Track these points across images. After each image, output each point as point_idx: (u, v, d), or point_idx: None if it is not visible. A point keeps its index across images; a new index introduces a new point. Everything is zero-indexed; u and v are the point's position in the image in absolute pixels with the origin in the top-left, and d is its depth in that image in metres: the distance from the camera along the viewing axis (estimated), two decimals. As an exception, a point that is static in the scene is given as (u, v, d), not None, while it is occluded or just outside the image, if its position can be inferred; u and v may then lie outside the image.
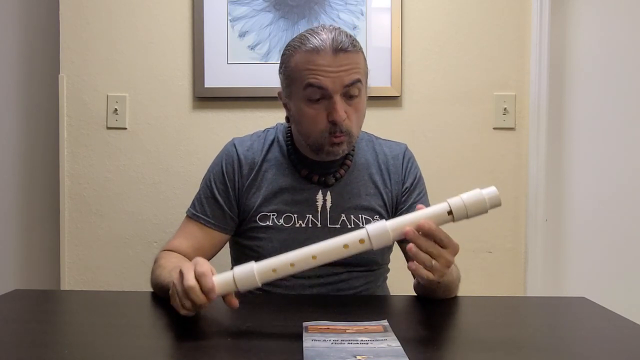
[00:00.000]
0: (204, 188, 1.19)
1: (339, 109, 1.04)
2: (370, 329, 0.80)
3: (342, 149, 1.09)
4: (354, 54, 1.06)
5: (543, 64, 1.70)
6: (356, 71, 1.06)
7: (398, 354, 0.69)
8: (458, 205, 0.81)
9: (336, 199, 1.15)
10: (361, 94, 1.08)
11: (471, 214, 0.82)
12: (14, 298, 1.03)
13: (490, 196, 0.82)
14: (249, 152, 1.18)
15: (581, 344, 0.83)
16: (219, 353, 0.75)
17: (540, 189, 1.71)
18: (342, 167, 1.17)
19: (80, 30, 1.76)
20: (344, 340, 0.74)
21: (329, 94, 1.04)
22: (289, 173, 1.16)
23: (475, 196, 0.82)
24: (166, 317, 0.90)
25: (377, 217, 1.17)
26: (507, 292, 1.74)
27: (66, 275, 1.78)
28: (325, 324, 0.81)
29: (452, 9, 1.73)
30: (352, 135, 1.09)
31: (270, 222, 1.14)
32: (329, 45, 1.04)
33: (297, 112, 1.10)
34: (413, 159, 1.25)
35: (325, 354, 0.69)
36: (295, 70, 1.07)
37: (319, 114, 1.06)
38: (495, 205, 0.82)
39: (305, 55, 1.05)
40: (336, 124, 1.05)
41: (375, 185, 1.19)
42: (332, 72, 1.03)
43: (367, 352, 0.70)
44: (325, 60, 1.03)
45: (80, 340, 0.80)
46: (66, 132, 1.77)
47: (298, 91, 1.07)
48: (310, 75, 1.04)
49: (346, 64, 1.04)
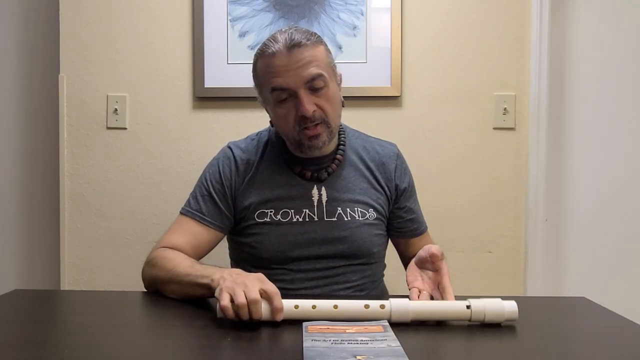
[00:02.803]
0: (199, 187, 1.21)
1: (305, 102, 1.07)
2: (370, 329, 0.80)
3: (322, 140, 1.12)
4: (310, 48, 1.09)
5: (543, 64, 1.70)
6: (315, 64, 1.08)
7: (398, 354, 0.70)
8: (477, 303, 0.85)
9: (331, 193, 1.18)
10: (328, 85, 1.11)
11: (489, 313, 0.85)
12: (14, 298, 1.03)
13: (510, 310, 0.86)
14: (245, 153, 1.21)
15: (581, 344, 0.83)
16: (219, 353, 0.75)
17: (540, 189, 1.71)
18: (334, 162, 1.20)
19: (80, 30, 1.76)
20: (344, 340, 0.75)
21: (294, 91, 1.08)
22: (283, 171, 1.19)
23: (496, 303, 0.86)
24: (166, 317, 0.90)
25: (372, 211, 1.20)
26: (507, 292, 1.74)
27: (66, 275, 1.78)
28: (325, 324, 0.81)
29: (452, 9, 1.73)
30: (330, 124, 1.12)
31: (267, 219, 1.16)
32: (282, 46, 1.08)
33: (273, 114, 1.16)
34: (403, 159, 1.29)
35: (326, 354, 0.69)
36: (260, 76, 1.13)
37: (289, 112, 1.10)
38: (512, 319, 0.86)
39: (264, 61, 1.10)
40: (306, 118, 1.08)
41: (368, 180, 1.22)
42: (289, 70, 1.07)
43: (367, 352, 0.70)
44: (281, 61, 1.07)
45: (80, 340, 0.80)
46: (66, 132, 1.77)
47: (268, 96, 1.12)
48: (272, 78, 1.09)
49: (301, 59, 1.07)
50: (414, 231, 1.27)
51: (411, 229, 1.27)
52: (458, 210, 1.74)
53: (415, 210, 1.29)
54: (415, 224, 1.28)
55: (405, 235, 1.27)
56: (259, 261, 1.16)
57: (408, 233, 1.27)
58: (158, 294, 1.05)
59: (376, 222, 1.20)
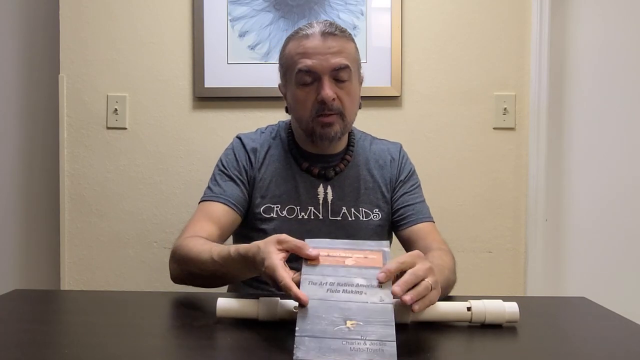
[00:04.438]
0: (219, 174, 1.19)
1: (327, 87, 1.08)
2: (369, 260, 0.79)
3: (335, 131, 1.12)
4: (343, 40, 1.12)
5: (543, 64, 1.70)
6: (344, 56, 1.10)
7: (387, 320, 0.70)
8: (478, 304, 0.85)
9: (337, 192, 1.18)
10: (352, 80, 1.12)
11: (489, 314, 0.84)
12: (14, 298, 1.03)
13: (511, 311, 0.85)
14: (255, 142, 1.22)
15: (581, 344, 0.83)
16: (219, 353, 0.75)
17: (540, 189, 1.71)
18: (342, 161, 1.20)
19: (80, 30, 1.76)
20: (340, 285, 0.75)
21: (318, 76, 1.09)
22: (291, 166, 1.19)
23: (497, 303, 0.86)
24: (166, 317, 0.90)
25: (377, 211, 1.20)
26: (507, 292, 1.74)
27: (66, 275, 1.78)
28: (325, 249, 0.80)
29: (452, 8, 1.73)
30: (345, 117, 1.12)
31: (274, 214, 1.17)
32: (318, 31, 1.11)
33: (291, 98, 1.15)
34: (407, 156, 1.30)
35: (318, 314, 0.71)
36: (288, 57, 1.14)
37: (309, 96, 1.11)
38: (513, 320, 0.85)
39: (296, 42, 1.12)
40: (325, 103, 1.09)
41: (374, 180, 1.22)
42: (319, 53, 1.09)
43: (358, 312, 0.71)
44: (312, 43, 1.10)
45: (80, 340, 0.80)
46: (66, 132, 1.77)
47: (291, 77, 1.13)
48: (301, 59, 1.10)
49: (333, 47, 1.10)
50: (411, 217, 1.20)
51: (406, 215, 1.21)
52: (458, 210, 1.74)
53: (413, 199, 1.23)
54: (411, 211, 1.21)
55: (402, 223, 1.21)
56: None
57: (405, 222, 1.21)
58: (158, 294, 1.05)
59: (381, 222, 1.21)
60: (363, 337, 0.69)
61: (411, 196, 1.24)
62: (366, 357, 0.67)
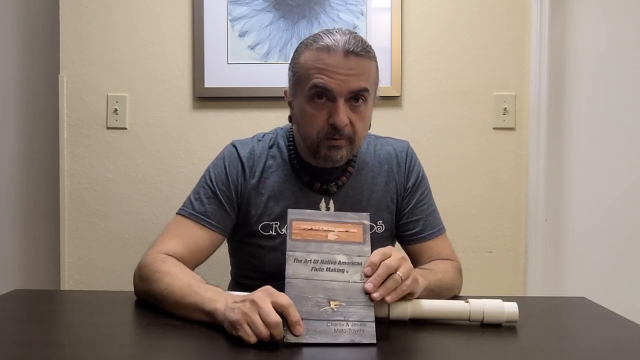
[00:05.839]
0: (203, 188, 1.12)
1: (341, 113, 1.01)
2: (350, 234, 0.87)
3: (341, 155, 1.05)
4: (366, 60, 1.03)
5: (543, 64, 1.70)
6: (365, 79, 1.02)
7: (366, 299, 0.79)
8: (477, 303, 0.86)
9: (339, 207, 1.12)
10: (367, 103, 1.05)
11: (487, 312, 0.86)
12: (13, 298, 1.03)
13: (510, 310, 0.86)
14: (251, 155, 1.13)
15: (581, 344, 0.83)
16: (219, 353, 0.75)
17: (540, 189, 1.71)
18: (344, 174, 1.14)
19: (80, 30, 1.76)
20: (323, 262, 0.83)
21: (333, 96, 1.01)
22: (290, 180, 1.12)
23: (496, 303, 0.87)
24: (166, 317, 0.90)
25: (380, 222, 1.15)
26: (507, 292, 1.74)
27: (66, 275, 1.78)
28: (309, 223, 0.87)
29: (452, 8, 1.73)
30: (354, 142, 1.05)
31: (273, 232, 1.11)
32: (341, 46, 1.00)
33: (299, 110, 1.07)
34: (415, 157, 1.21)
35: (304, 295, 0.79)
36: (303, 67, 1.04)
37: (320, 114, 1.03)
38: (512, 319, 0.86)
39: (315, 54, 1.02)
40: (336, 128, 1.01)
41: (378, 190, 1.16)
42: (339, 74, 1.00)
43: (341, 292, 0.80)
44: (334, 60, 1.00)
45: (80, 340, 0.80)
46: (66, 132, 1.77)
47: (303, 89, 1.04)
48: (317, 74, 1.01)
49: (356, 68, 1.01)
50: (420, 234, 1.17)
51: (415, 232, 1.17)
52: (458, 210, 1.74)
53: (422, 211, 1.18)
54: (420, 227, 1.17)
55: (410, 239, 1.18)
56: (261, 273, 1.12)
57: (413, 238, 1.17)
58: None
59: (384, 234, 1.16)
60: (345, 318, 0.77)
61: (420, 208, 1.18)
62: (348, 337, 0.75)
